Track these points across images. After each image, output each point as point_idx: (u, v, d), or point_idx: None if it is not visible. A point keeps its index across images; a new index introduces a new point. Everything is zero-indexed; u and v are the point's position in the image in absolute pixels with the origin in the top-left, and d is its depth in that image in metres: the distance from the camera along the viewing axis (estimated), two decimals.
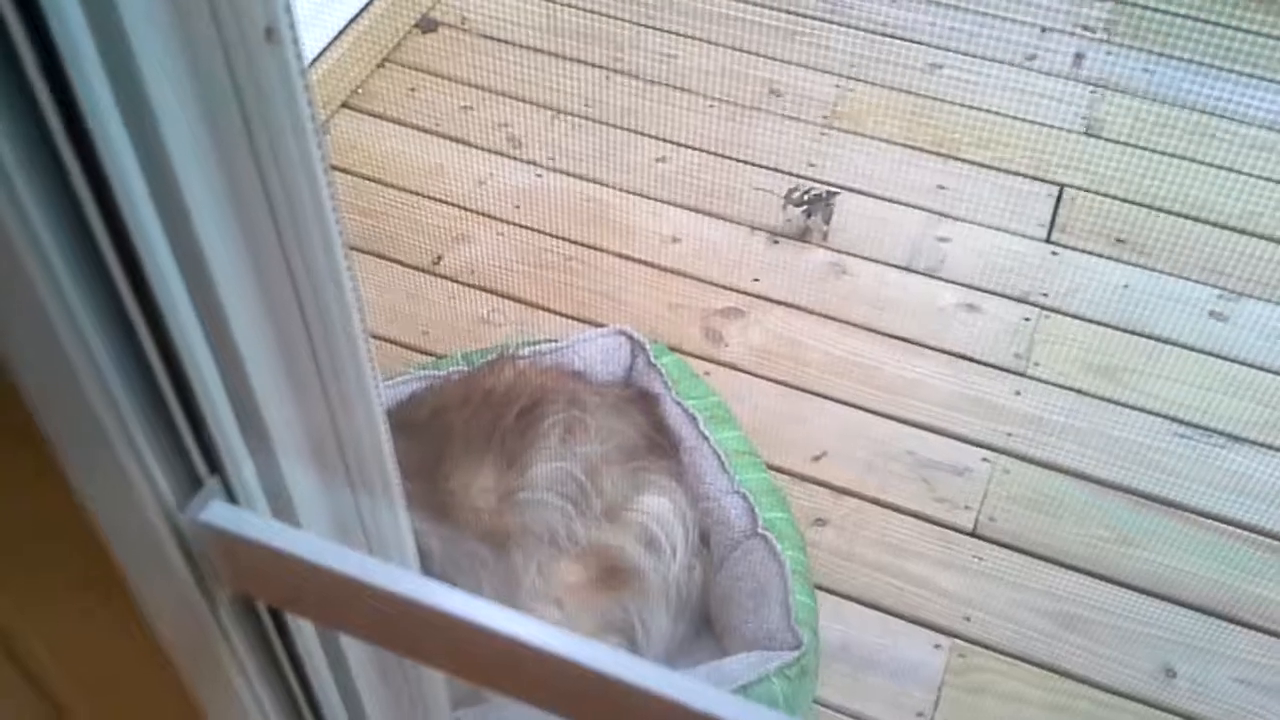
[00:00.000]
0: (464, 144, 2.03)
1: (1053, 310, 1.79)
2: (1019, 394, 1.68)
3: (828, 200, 1.87)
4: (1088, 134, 2.07)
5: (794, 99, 2.12)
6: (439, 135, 2.05)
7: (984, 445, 1.62)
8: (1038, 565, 1.50)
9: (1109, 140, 2.06)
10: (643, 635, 1.32)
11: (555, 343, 1.54)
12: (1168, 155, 2.04)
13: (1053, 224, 1.92)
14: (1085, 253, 1.88)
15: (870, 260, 1.86)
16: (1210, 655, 1.41)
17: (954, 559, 1.50)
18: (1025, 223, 1.93)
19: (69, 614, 0.41)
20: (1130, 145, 2.06)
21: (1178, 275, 1.84)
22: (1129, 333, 1.76)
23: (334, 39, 2.08)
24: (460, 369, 1.51)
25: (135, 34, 0.35)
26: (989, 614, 1.45)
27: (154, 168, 0.37)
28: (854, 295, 1.81)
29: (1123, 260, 1.87)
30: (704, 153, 2.03)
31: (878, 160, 2.02)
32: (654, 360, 1.52)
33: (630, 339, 1.55)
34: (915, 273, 1.85)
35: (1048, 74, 2.18)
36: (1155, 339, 1.75)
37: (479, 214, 1.92)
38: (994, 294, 1.81)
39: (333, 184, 0.46)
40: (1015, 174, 2.00)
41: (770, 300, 1.80)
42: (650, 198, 1.95)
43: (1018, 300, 1.81)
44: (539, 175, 1.98)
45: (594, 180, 1.97)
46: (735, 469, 1.41)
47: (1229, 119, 2.09)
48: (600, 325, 1.71)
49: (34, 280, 0.33)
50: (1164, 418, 1.65)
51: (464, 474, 1.34)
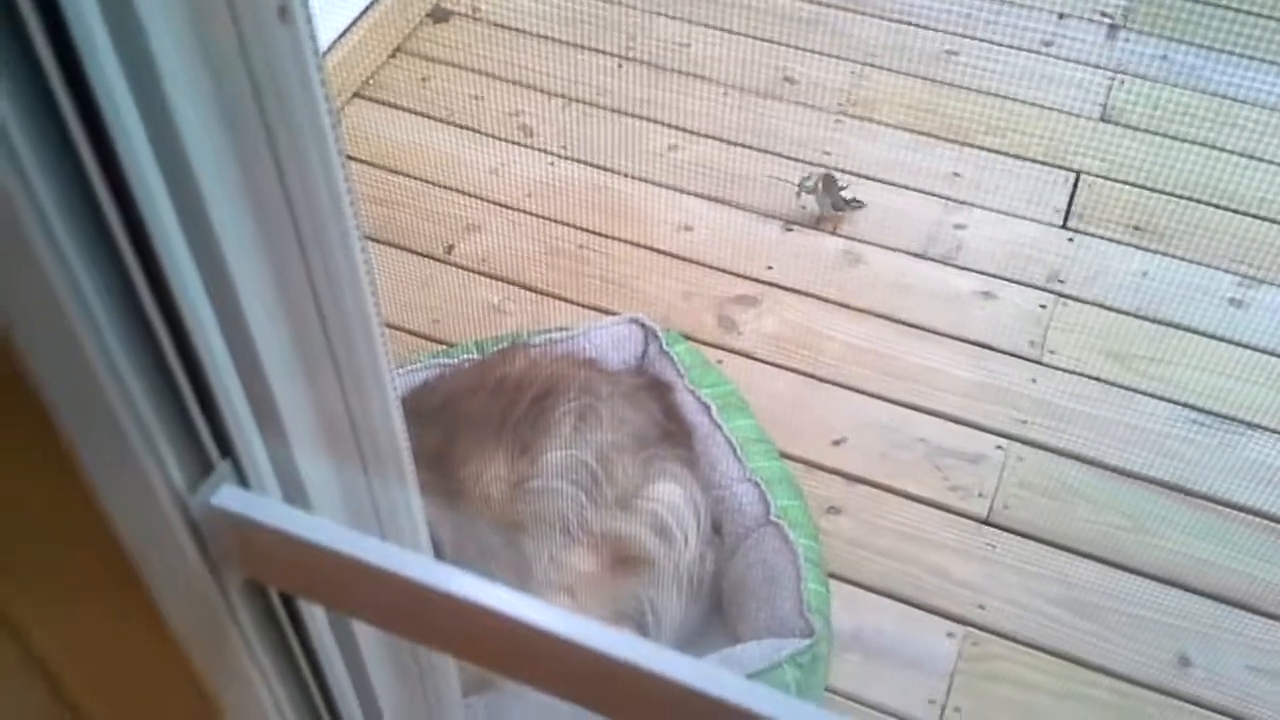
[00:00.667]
0: (476, 133, 2.03)
1: (1069, 297, 1.78)
2: (1034, 381, 1.67)
3: (841, 188, 1.86)
4: (1104, 120, 2.06)
5: (808, 86, 2.11)
6: (451, 124, 2.05)
7: (999, 433, 1.61)
8: (1052, 553, 1.49)
9: (1126, 126, 2.05)
10: (654, 623, 1.32)
11: (567, 331, 1.54)
12: (1185, 141, 2.02)
13: (1069, 211, 1.91)
14: (1102, 239, 1.87)
15: (885, 248, 1.85)
16: (1225, 643, 1.41)
17: (968, 547, 1.49)
18: (1042, 209, 1.91)
19: (79, 600, 0.41)
20: (1147, 131, 2.04)
21: (1196, 262, 1.83)
22: (1146, 320, 1.75)
23: (346, 29, 2.08)
24: (472, 357, 1.51)
25: (145, 11, 0.35)
26: (1003, 601, 1.44)
27: (165, 146, 0.37)
28: (869, 283, 1.80)
29: (1140, 247, 1.85)
30: (717, 140, 2.02)
31: (892, 147, 2.01)
32: (667, 348, 1.52)
33: (643, 327, 1.55)
34: (931, 260, 1.84)
35: (1065, 60, 2.16)
36: (1173, 326, 1.74)
37: (491, 203, 1.92)
38: (1010, 281, 1.80)
39: (347, 166, 0.46)
40: (1031, 160, 1.99)
41: (784, 288, 1.79)
42: (663, 185, 1.95)
43: (1034, 287, 1.80)
44: (551, 164, 1.98)
45: (607, 168, 1.97)
46: (748, 457, 1.41)
47: (1247, 104, 2.07)
48: (613, 313, 1.71)
49: (41, 259, 0.33)
50: (1181, 405, 1.64)
51: (476, 462, 1.34)
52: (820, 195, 1.85)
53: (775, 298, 1.78)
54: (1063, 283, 1.80)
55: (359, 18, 2.10)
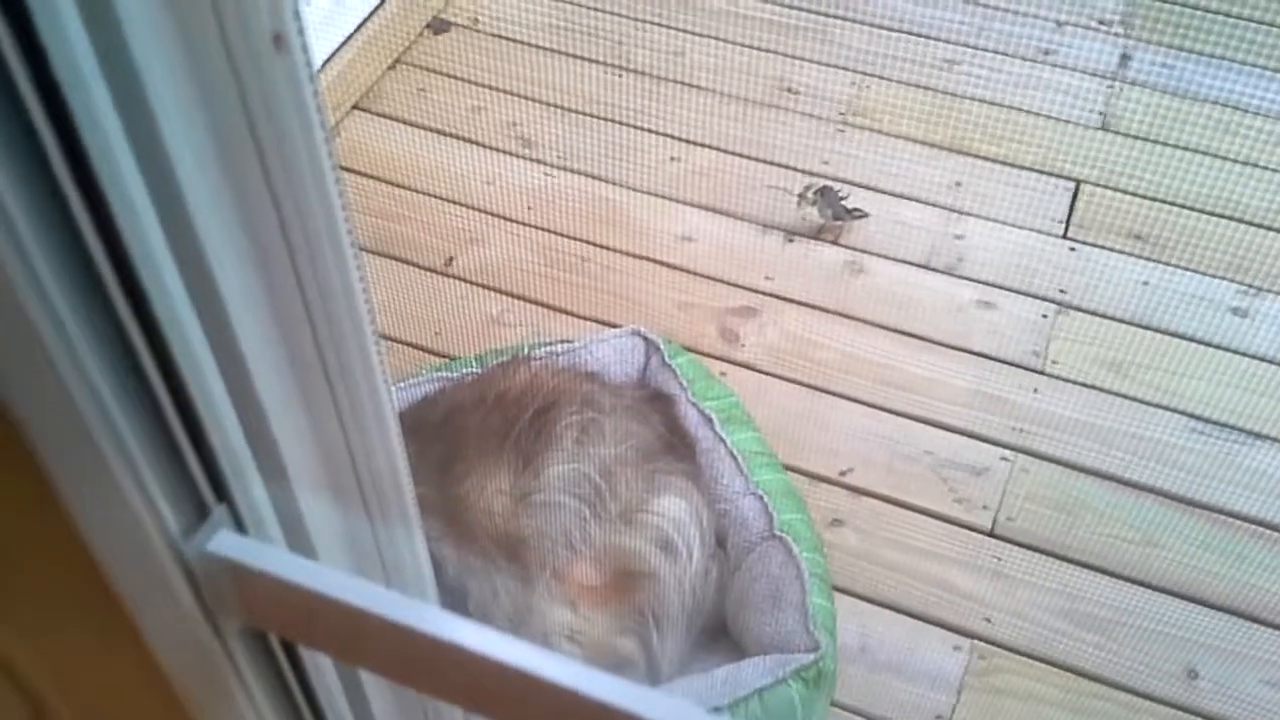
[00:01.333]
0: (475, 144, 2.03)
1: (1070, 307, 1.77)
2: (1037, 392, 1.66)
3: (842, 198, 1.86)
4: (1104, 129, 2.05)
5: (808, 96, 2.11)
6: (450, 136, 2.04)
7: (1003, 444, 1.60)
8: (1058, 565, 1.48)
9: (1126, 135, 2.04)
10: (658, 638, 1.31)
11: (569, 344, 1.53)
12: (1186, 150, 2.01)
13: (1070, 220, 1.90)
14: (1103, 249, 1.86)
15: (887, 258, 1.85)
16: (1234, 656, 1.40)
17: (973, 559, 1.48)
18: (1042, 219, 1.91)
19: (73, 646, 0.40)
20: (1147, 140, 2.03)
21: (1197, 271, 1.82)
22: (1148, 329, 1.74)
23: (345, 40, 2.08)
24: (473, 371, 1.50)
25: (136, 42, 0.34)
26: (1009, 614, 1.43)
27: (156, 177, 0.36)
28: (870, 294, 1.79)
29: (1141, 256, 1.85)
30: (717, 151, 2.02)
31: (893, 157, 2.00)
32: (669, 360, 1.51)
33: (645, 339, 1.54)
34: (932, 270, 1.83)
35: (1065, 68, 2.16)
36: (1175, 335, 1.73)
37: (491, 214, 1.91)
38: (1011, 291, 1.80)
39: (344, 194, 0.45)
40: (1031, 170, 1.99)
41: (785, 299, 1.79)
42: (663, 197, 1.94)
43: (1035, 297, 1.79)
44: (550, 175, 1.97)
45: (606, 180, 1.96)
46: (752, 470, 1.40)
47: (1248, 112, 2.07)
48: (613, 325, 1.70)
49: (23, 294, 0.32)
50: (1184, 415, 1.64)
51: (478, 476, 1.34)
52: (821, 206, 1.84)
53: (776, 309, 1.77)
54: (1064, 292, 1.79)
55: (358, 29, 2.10)
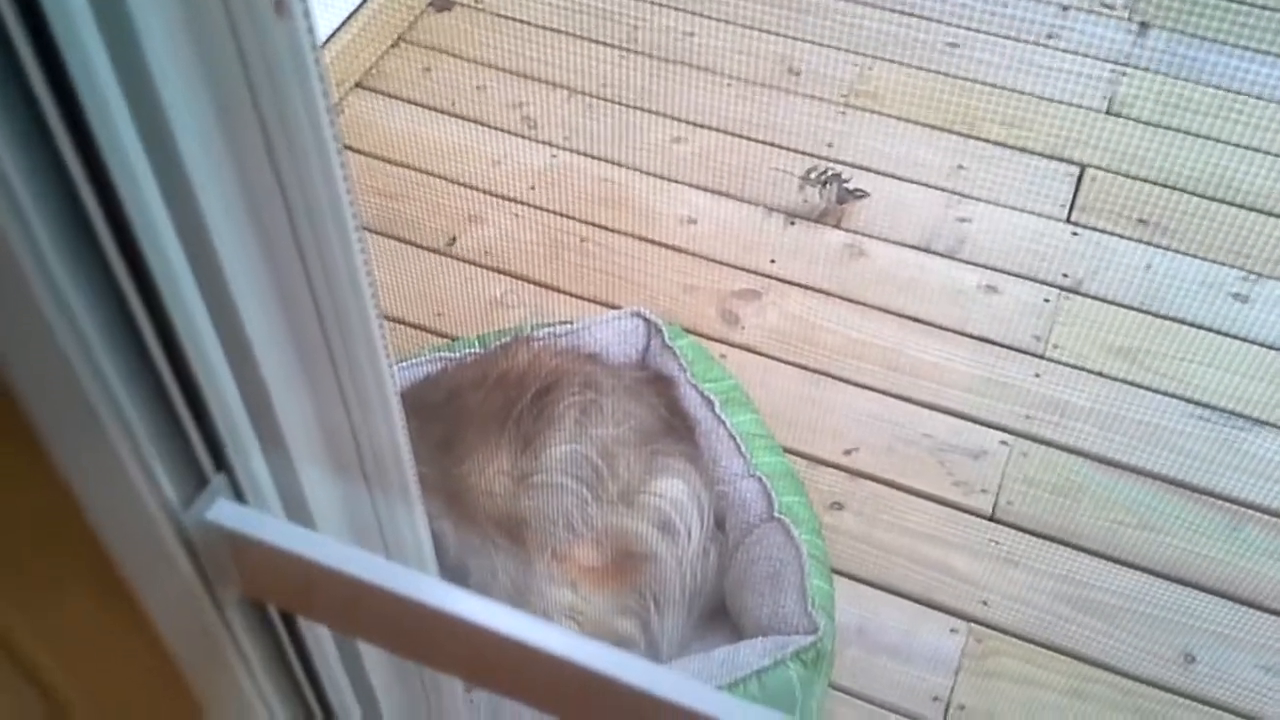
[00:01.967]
0: (479, 124, 2.02)
1: (1073, 292, 1.77)
2: (1038, 376, 1.66)
3: (845, 181, 1.85)
4: (1109, 113, 2.05)
5: (812, 78, 2.10)
6: (454, 115, 2.04)
7: (1003, 428, 1.60)
8: (1056, 549, 1.48)
9: (1131, 119, 2.04)
10: (657, 619, 1.31)
11: (570, 325, 1.53)
12: (1190, 134, 2.01)
13: (1073, 204, 1.90)
14: (1106, 233, 1.86)
15: (889, 241, 1.84)
16: (1231, 641, 1.40)
17: (972, 543, 1.49)
18: (1045, 203, 1.90)
19: (71, 616, 0.40)
20: (1152, 124, 2.03)
21: (1200, 256, 1.82)
22: (1150, 314, 1.74)
23: (348, 18, 2.07)
24: (475, 351, 1.50)
25: (136, 6, 0.34)
26: (1007, 598, 1.44)
27: (157, 145, 0.36)
28: (872, 277, 1.79)
29: (1144, 241, 1.84)
30: (721, 133, 2.01)
31: (897, 140, 2.00)
32: (670, 342, 1.51)
33: (646, 321, 1.54)
34: (934, 254, 1.83)
35: (1070, 52, 2.15)
36: (1176, 320, 1.73)
37: (494, 195, 1.91)
38: (1014, 275, 1.80)
39: (346, 164, 0.45)
40: (1035, 154, 1.98)
41: (787, 282, 1.79)
42: (666, 178, 1.94)
43: (1038, 281, 1.79)
44: (554, 155, 1.97)
45: (610, 160, 1.96)
46: (751, 452, 1.40)
47: (1253, 97, 2.06)
48: (615, 306, 1.70)
49: (22, 263, 0.31)
50: (1185, 400, 1.64)
51: (479, 457, 1.34)
52: (824, 188, 1.84)
53: (778, 291, 1.77)
54: (1066, 277, 1.79)
55: (360, 6, 2.09)
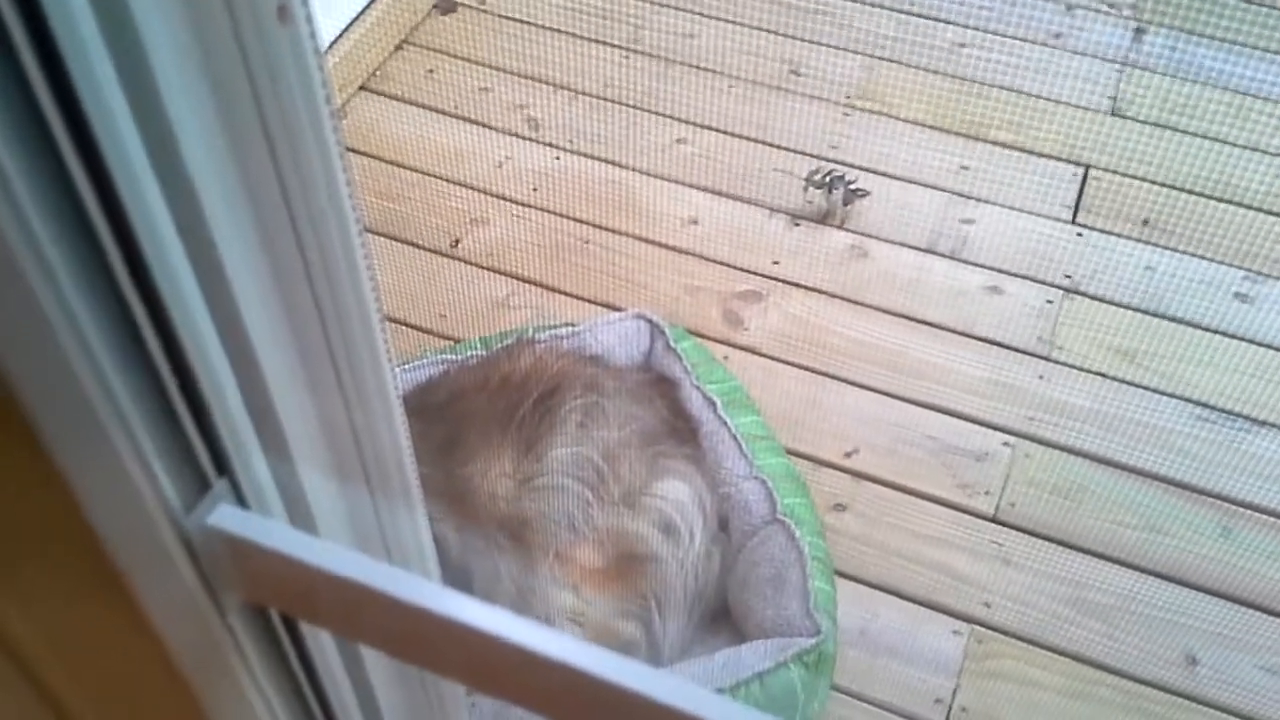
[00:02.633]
0: (482, 126, 2.03)
1: (1077, 293, 1.77)
2: (1042, 378, 1.66)
3: (849, 182, 1.85)
4: (1114, 114, 2.04)
5: (815, 79, 2.10)
6: (457, 117, 2.04)
7: (1006, 429, 1.60)
8: (1058, 551, 1.48)
9: (1135, 120, 2.03)
10: (659, 621, 1.31)
11: (573, 327, 1.53)
12: (1194, 135, 2.01)
13: (1078, 205, 1.90)
14: (1110, 234, 1.86)
15: (892, 243, 1.84)
16: (1233, 643, 1.40)
17: (974, 544, 1.49)
18: (1050, 204, 1.90)
19: (73, 620, 0.40)
20: (1157, 125, 2.03)
21: (1203, 257, 1.82)
22: (1153, 315, 1.74)
23: (353, 21, 2.07)
24: (478, 353, 1.51)
25: (139, 11, 0.34)
26: (1009, 600, 1.44)
27: (160, 150, 0.36)
28: (875, 278, 1.79)
29: (1148, 242, 1.84)
30: (724, 134, 2.01)
31: (900, 141, 2.00)
32: (673, 344, 1.51)
33: (649, 323, 1.54)
34: (938, 255, 1.83)
35: (1074, 53, 2.15)
36: (1180, 322, 1.73)
37: (497, 196, 1.91)
38: (1017, 276, 1.80)
39: (349, 168, 0.45)
40: (1040, 155, 1.98)
41: (790, 283, 1.79)
42: (669, 179, 1.94)
43: (1042, 283, 1.79)
44: (557, 157, 1.97)
45: (613, 162, 1.96)
46: (754, 454, 1.40)
47: (1257, 98, 2.06)
48: (618, 308, 1.71)
49: (23, 263, 0.31)
50: (1188, 401, 1.64)
51: (482, 459, 1.34)
52: (827, 190, 1.84)
53: (781, 293, 1.77)
54: (1070, 278, 1.79)
55: (365, 9, 2.10)
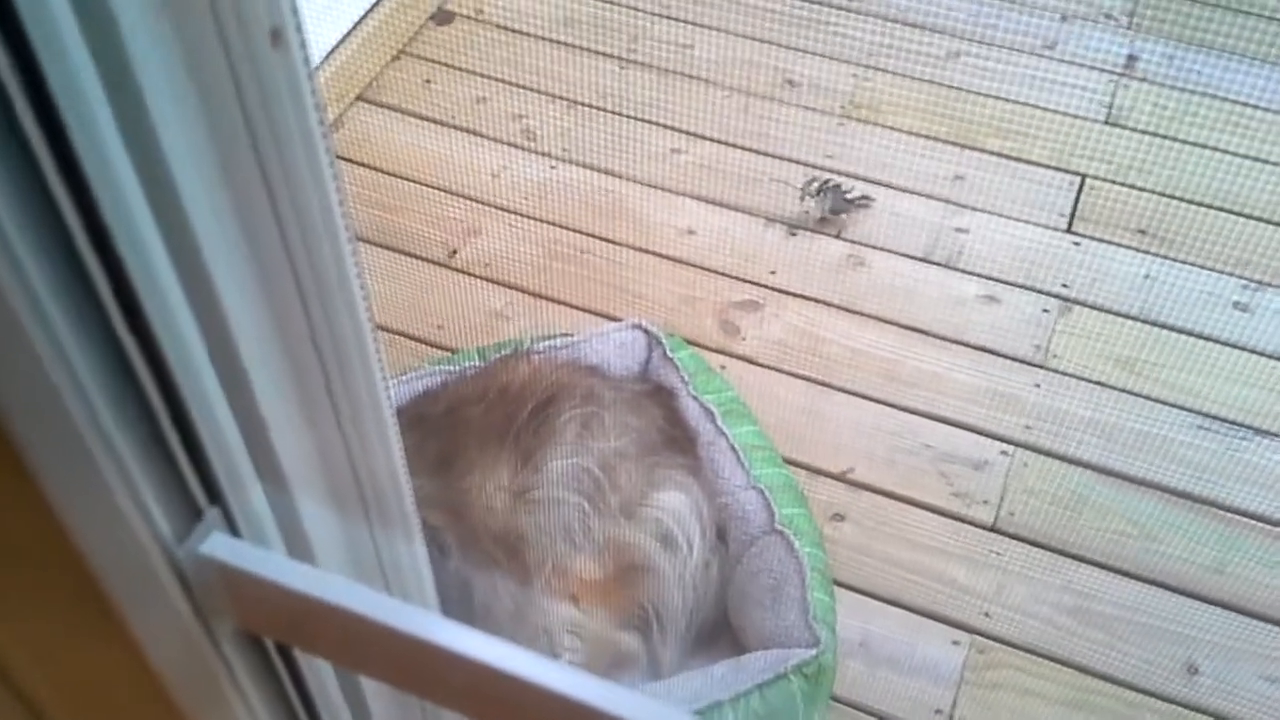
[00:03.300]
0: (479, 136, 2.03)
1: (1073, 302, 1.77)
2: (1039, 386, 1.66)
3: (845, 192, 1.85)
4: (1109, 123, 2.05)
5: (811, 89, 2.10)
6: (454, 128, 2.04)
7: (1004, 439, 1.60)
8: (1058, 560, 1.48)
9: (1131, 129, 2.04)
10: (658, 632, 1.31)
11: (570, 337, 1.53)
12: (1190, 144, 2.01)
13: (1074, 214, 1.90)
14: (1107, 243, 1.86)
15: (888, 252, 1.84)
16: (1234, 652, 1.40)
17: (973, 554, 1.48)
18: (1046, 213, 1.90)
19: (66, 649, 0.40)
20: (1152, 134, 2.03)
21: (1201, 266, 1.82)
22: (1151, 324, 1.74)
23: (349, 32, 2.07)
24: (475, 364, 1.50)
25: (131, 37, 0.33)
26: (1008, 609, 1.43)
27: (151, 176, 0.36)
28: (872, 287, 1.79)
29: (1145, 251, 1.84)
30: (720, 144, 2.01)
31: (896, 151, 2.00)
32: (670, 354, 1.51)
33: (646, 333, 1.54)
34: (934, 264, 1.83)
35: (1069, 62, 2.15)
36: (1177, 331, 1.73)
37: (494, 207, 1.91)
38: (1014, 285, 1.80)
39: (342, 189, 0.45)
40: (1035, 164, 1.98)
41: (787, 293, 1.79)
42: (666, 189, 1.94)
43: (1038, 292, 1.79)
44: (554, 167, 1.97)
45: (609, 172, 1.96)
46: (752, 464, 1.40)
47: (1253, 107, 2.06)
48: (615, 318, 1.70)
49: (10, 292, 0.31)
50: (1186, 410, 1.63)
51: (479, 471, 1.34)
52: (823, 199, 1.84)
53: (778, 302, 1.77)
54: (1066, 287, 1.79)
55: (361, 20, 2.10)
